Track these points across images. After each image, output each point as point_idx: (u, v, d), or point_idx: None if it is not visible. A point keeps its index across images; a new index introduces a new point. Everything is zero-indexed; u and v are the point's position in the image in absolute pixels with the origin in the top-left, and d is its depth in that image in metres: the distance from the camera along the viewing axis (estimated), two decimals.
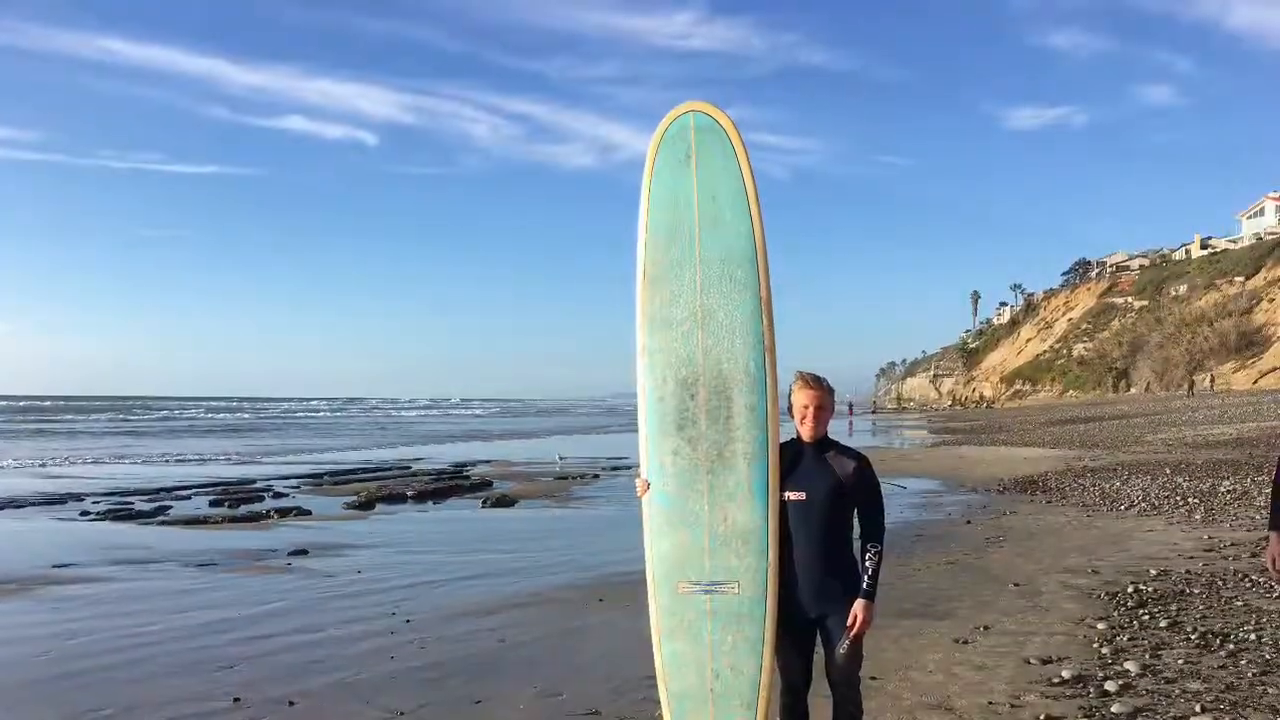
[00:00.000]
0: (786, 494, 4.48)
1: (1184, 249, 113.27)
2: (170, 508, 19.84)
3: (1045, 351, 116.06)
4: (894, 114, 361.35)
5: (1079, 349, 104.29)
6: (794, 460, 4.54)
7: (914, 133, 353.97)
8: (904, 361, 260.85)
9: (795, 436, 4.62)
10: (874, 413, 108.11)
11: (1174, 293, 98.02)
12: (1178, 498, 16.66)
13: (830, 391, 4.63)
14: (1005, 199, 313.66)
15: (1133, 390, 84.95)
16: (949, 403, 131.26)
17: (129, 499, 21.40)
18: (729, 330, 4.55)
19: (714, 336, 4.55)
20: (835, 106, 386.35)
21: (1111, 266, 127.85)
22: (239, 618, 9.68)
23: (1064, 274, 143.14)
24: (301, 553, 13.73)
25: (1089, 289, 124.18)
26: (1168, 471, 21.00)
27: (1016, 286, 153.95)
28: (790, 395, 4.65)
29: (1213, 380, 72.88)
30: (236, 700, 6.96)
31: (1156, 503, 16.31)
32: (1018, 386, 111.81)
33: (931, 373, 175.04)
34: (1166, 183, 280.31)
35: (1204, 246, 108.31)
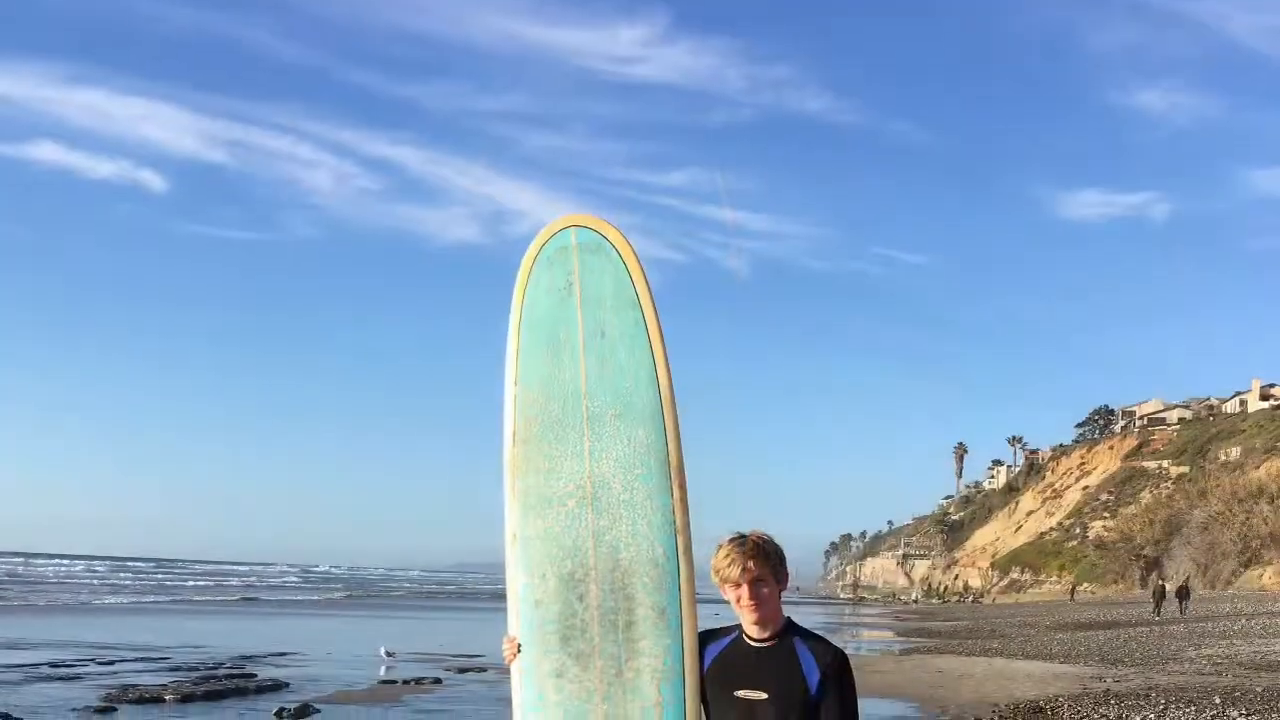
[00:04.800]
0: (739, 692, 4.27)
1: (1238, 399, 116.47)
2: None
3: (1052, 529, 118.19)
4: (912, 189, 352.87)
5: (1097, 528, 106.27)
6: (738, 666, 4.35)
7: (936, 218, 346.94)
8: (863, 535, 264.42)
9: (736, 629, 4.42)
10: (821, 601, 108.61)
11: (1223, 457, 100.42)
12: None
13: (772, 556, 4.38)
14: (1020, 314, 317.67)
15: (1168, 586, 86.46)
16: (922, 593, 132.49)
17: None
18: (628, 508, 4.51)
19: (608, 517, 4.52)
20: (831, 174, 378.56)
21: (1142, 418, 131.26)
22: None
23: (1079, 426, 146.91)
24: None
25: (1111, 447, 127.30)
26: (1217, 701, 21.16)
27: (1016, 440, 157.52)
28: (714, 571, 4.46)
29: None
30: None
31: None
32: (1014, 575, 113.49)
33: (900, 552, 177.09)
34: (1239, 306, 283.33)
35: (1265, 397, 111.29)
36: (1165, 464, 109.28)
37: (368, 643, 35.66)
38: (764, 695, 4.29)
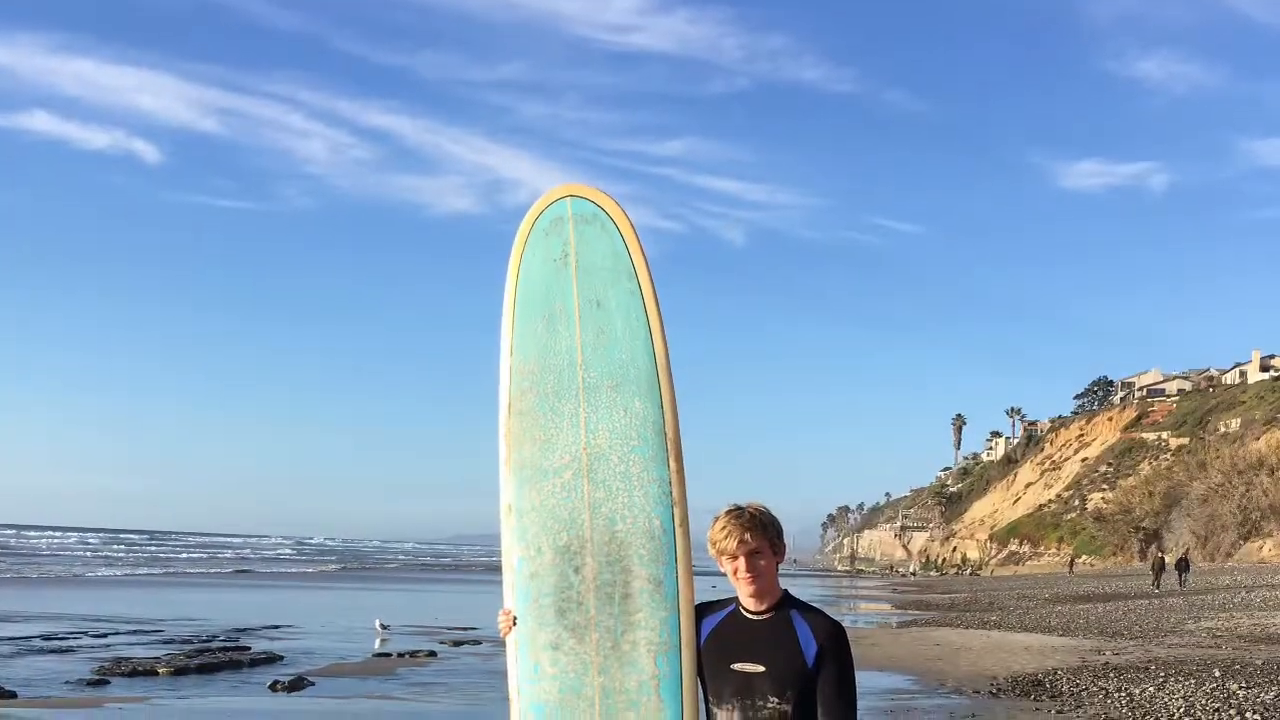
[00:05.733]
0: (735, 664, 4.25)
1: (1237, 370, 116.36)
2: None
3: (1051, 502, 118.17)
4: (908, 158, 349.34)
5: (1096, 500, 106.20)
6: (735, 639, 4.33)
7: (932, 187, 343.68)
8: (860, 507, 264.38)
9: (733, 601, 4.41)
10: (819, 573, 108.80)
11: (1223, 429, 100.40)
12: (1232, 710, 16.74)
13: (769, 528, 4.35)
14: (1018, 285, 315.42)
15: (1167, 558, 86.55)
16: (920, 565, 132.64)
17: None
18: (624, 479, 4.47)
19: (604, 488, 4.48)
20: (827, 144, 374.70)
21: (1141, 390, 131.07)
22: None
23: (1077, 397, 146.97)
24: None
25: (1110, 419, 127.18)
26: (1217, 674, 21.17)
27: (1015, 411, 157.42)
28: (710, 543, 4.45)
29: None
30: None
31: (1203, 717, 16.37)
32: (1013, 548, 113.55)
33: (898, 524, 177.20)
34: (1239, 276, 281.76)
35: (1265, 368, 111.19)
36: (1164, 435, 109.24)
37: (362, 615, 35.67)
38: (761, 668, 4.25)
